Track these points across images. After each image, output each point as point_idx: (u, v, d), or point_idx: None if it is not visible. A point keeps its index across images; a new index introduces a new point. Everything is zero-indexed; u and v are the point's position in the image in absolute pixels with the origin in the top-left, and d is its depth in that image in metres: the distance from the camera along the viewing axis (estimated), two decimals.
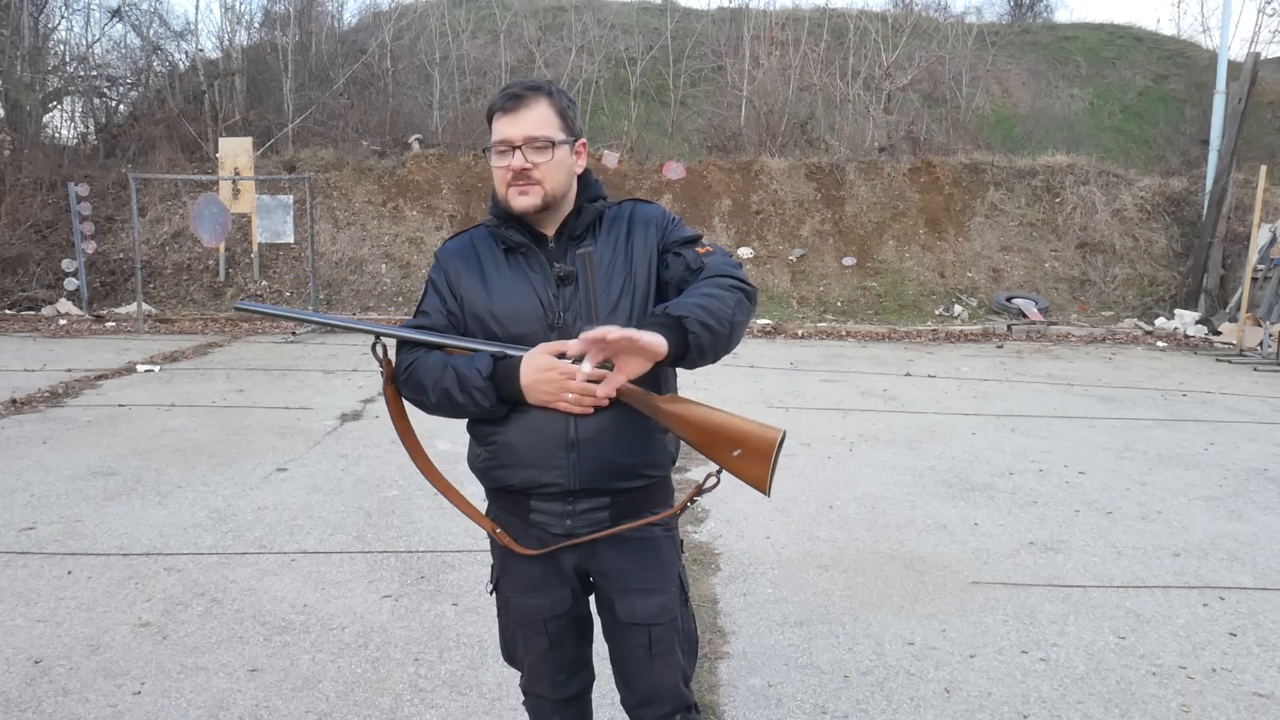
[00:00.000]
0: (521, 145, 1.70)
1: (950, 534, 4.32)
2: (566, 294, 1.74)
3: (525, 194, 1.72)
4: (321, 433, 6.09)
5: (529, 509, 1.79)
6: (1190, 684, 2.94)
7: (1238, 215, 13.46)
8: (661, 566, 1.83)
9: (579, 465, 1.72)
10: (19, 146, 14.31)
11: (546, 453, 1.72)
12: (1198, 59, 18.34)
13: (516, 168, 1.70)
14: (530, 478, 1.75)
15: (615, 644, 1.88)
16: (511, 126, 1.70)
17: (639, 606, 1.80)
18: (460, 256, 1.82)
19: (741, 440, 1.63)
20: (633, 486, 1.78)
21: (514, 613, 1.88)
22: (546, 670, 1.90)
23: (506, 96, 1.72)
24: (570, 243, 1.78)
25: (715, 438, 1.65)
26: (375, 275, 13.34)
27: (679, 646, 1.85)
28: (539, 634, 1.86)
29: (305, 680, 2.89)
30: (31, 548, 3.99)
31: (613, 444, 1.73)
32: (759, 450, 1.62)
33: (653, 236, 1.81)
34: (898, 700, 2.82)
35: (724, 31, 18.34)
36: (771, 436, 1.61)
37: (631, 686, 1.87)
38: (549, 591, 1.84)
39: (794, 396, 7.59)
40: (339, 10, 23.28)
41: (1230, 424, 6.79)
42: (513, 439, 1.74)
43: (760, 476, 1.63)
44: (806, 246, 13.96)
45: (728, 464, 1.66)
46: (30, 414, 6.58)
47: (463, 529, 4.21)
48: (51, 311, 12.23)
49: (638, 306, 1.76)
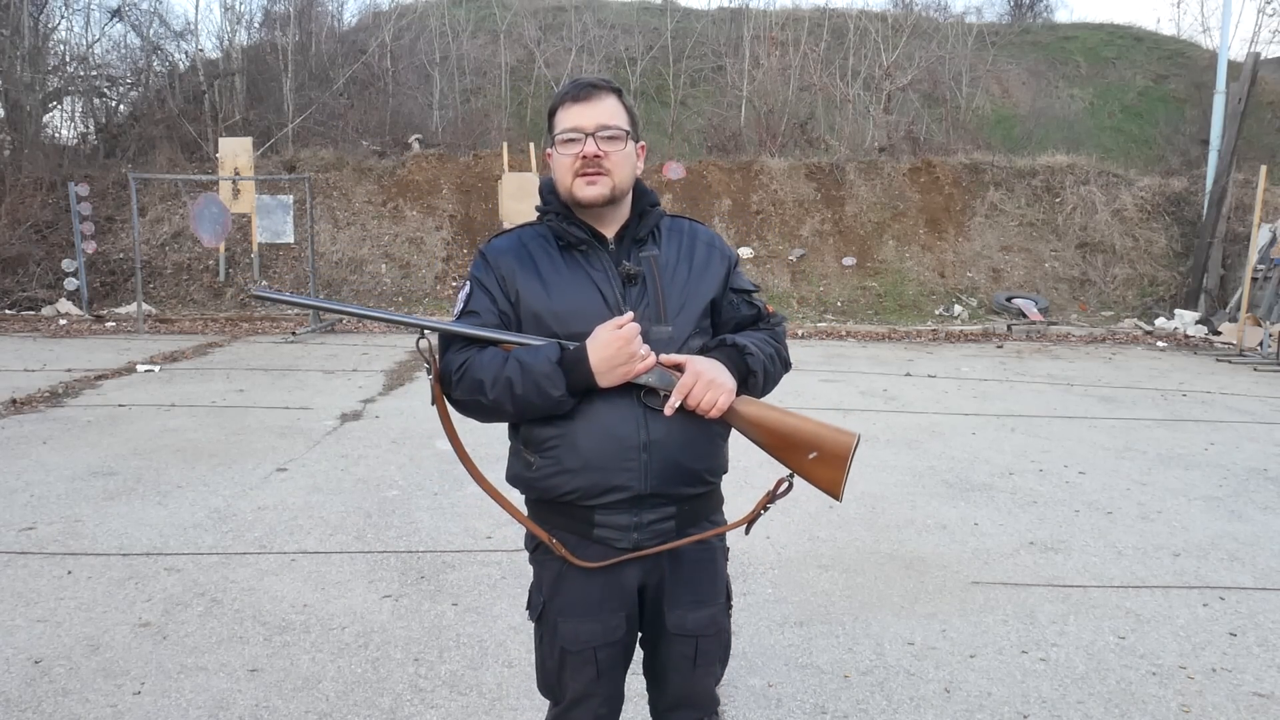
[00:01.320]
0: (594, 133, 1.67)
1: (950, 534, 4.32)
2: (633, 293, 1.70)
3: (594, 183, 1.67)
4: (321, 433, 6.09)
5: (592, 523, 1.69)
6: (1190, 684, 2.94)
7: (1238, 215, 13.46)
8: (715, 579, 1.80)
9: (650, 467, 1.65)
10: (19, 146, 14.32)
11: (618, 454, 1.65)
12: (1198, 59, 18.35)
13: (589, 154, 1.66)
14: (597, 481, 1.66)
15: (657, 651, 1.83)
16: (583, 114, 1.67)
17: (689, 619, 1.76)
18: (513, 254, 1.74)
19: (817, 444, 1.62)
20: (696, 493, 1.74)
21: (563, 639, 1.74)
22: (590, 704, 1.78)
23: (579, 86, 1.70)
24: (634, 245, 1.74)
25: (790, 441, 1.64)
26: (375, 275, 13.34)
27: (718, 656, 1.83)
28: (588, 663, 1.74)
29: (305, 680, 2.89)
30: (31, 548, 3.99)
31: (683, 446, 1.68)
32: (835, 454, 1.61)
33: (719, 265, 1.81)
34: (898, 700, 2.82)
35: (724, 31, 18.35)
36: (847, 440, 1.60)
37: (667, 691, 1.84)
38: (604, 617, 1.73)
39: (794, 396, 7.59)
40: (339, 10, 23.33)
41: (1230, 424, 6.79)
42: (581, 441, 1.65)
43: (835, 480, 1.62)
44: (806, 246, 13.96)
45: (802, 468, 1.64)
46: (30, 414, 6.58)
47: (462, 529, 4.22)
48: (51, 311, 12.23)
49: (700, 311, 1.75)
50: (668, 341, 1.68)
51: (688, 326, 1.72)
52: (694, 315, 1.74)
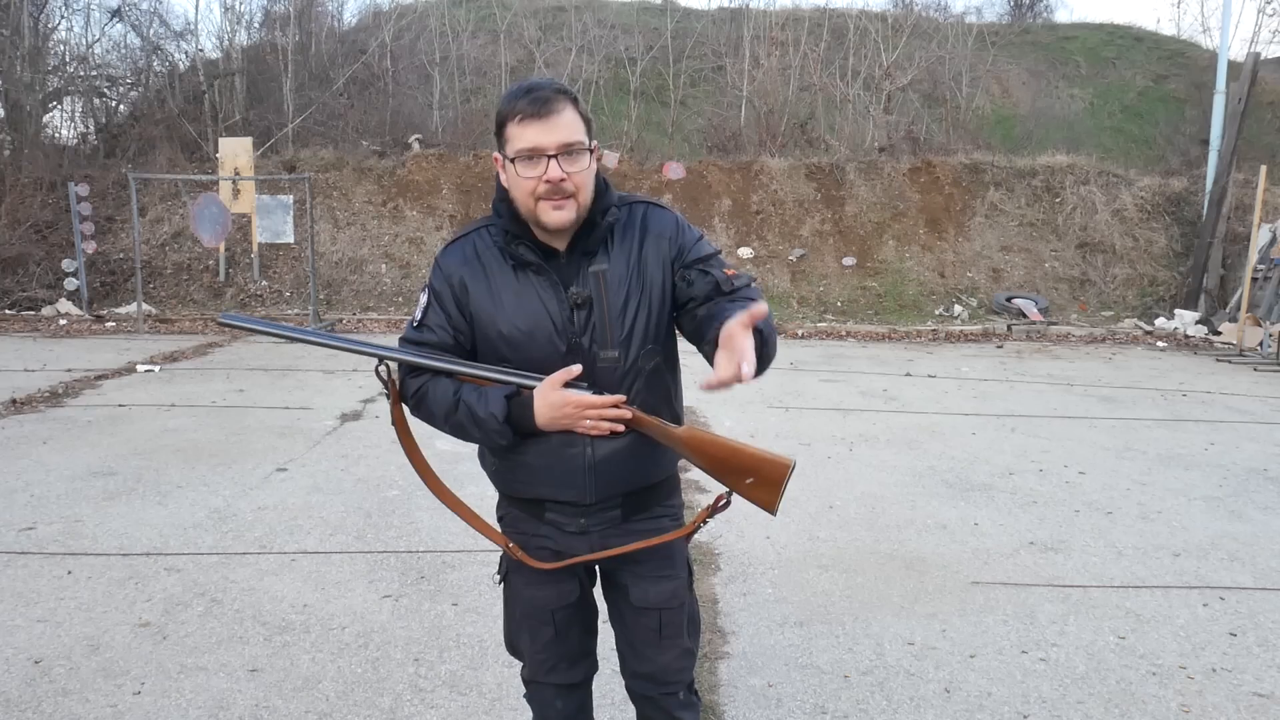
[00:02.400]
0: (556, 154, 1.58)
1: (950, 534, 4.32)
2: (581, 317, 1.69)
3: (561, 208, 1.61)
4: (321, 433, 6.09)
5: (543, 515, 1.83)
6: (1190, 684, 2.94)
7: (1238, 215, 13.46)
8: (673, 554, 1.88)
9: (596, 484, 1.76)
10: (19, 146, 14.31)
11: (565, 474, 1.75)
12: (1198, 59, 18.34)
13: (555, 178, 1.58)
14: (548, 494, 1.79)
15: (624, 626, 1.92)
16: (543, 133, 1.57)
17: (651, 592, 1.85)
18: (467, 269, 1.72)
19: (754, 469, 1.69)
20: (644, 487, 1.84)
21: (522, 603, 1.90)
22: (550, 660, 1.93)
23: (534, 101, 1.58)
24: (583, 258, 1.69)
25: (729, 466, 1.70)
26: (375, 275, 13.34)
27: (685, 629, 1.90)
28: (546, 624, 1.89)
29: (305, 680, 2.89)
30: (31, 548, 3.99)
31: (627, 461, 1.77)
32: (770, 478, 1.68)
33: (666, 251, 1.74)
34: (898, 700, 2.82)
35: (724, 31, 18.34)
36: (783, 466, 1.67)
37: (638, 665, 1.92)
38: (558, 582, 1.86)
39: (794, 396, 7.59)
40: (339, 10, 23.32)
41: (1230, 424, 6.79)
42: (532, 460, 1.76)
43: (770, 501, 1.70)
44: (806, 246, 13.96)
45: (740, 490, 1.72)
46: (30, 414, 6.58)
47: (463, 529, 4.21)
48: (51, 311, 12.23)
49: (653, 324, 1.74)
50: (615, 365, 1.70)
51: (637, 347, 1.72)
52: (643, 332, 1.72)
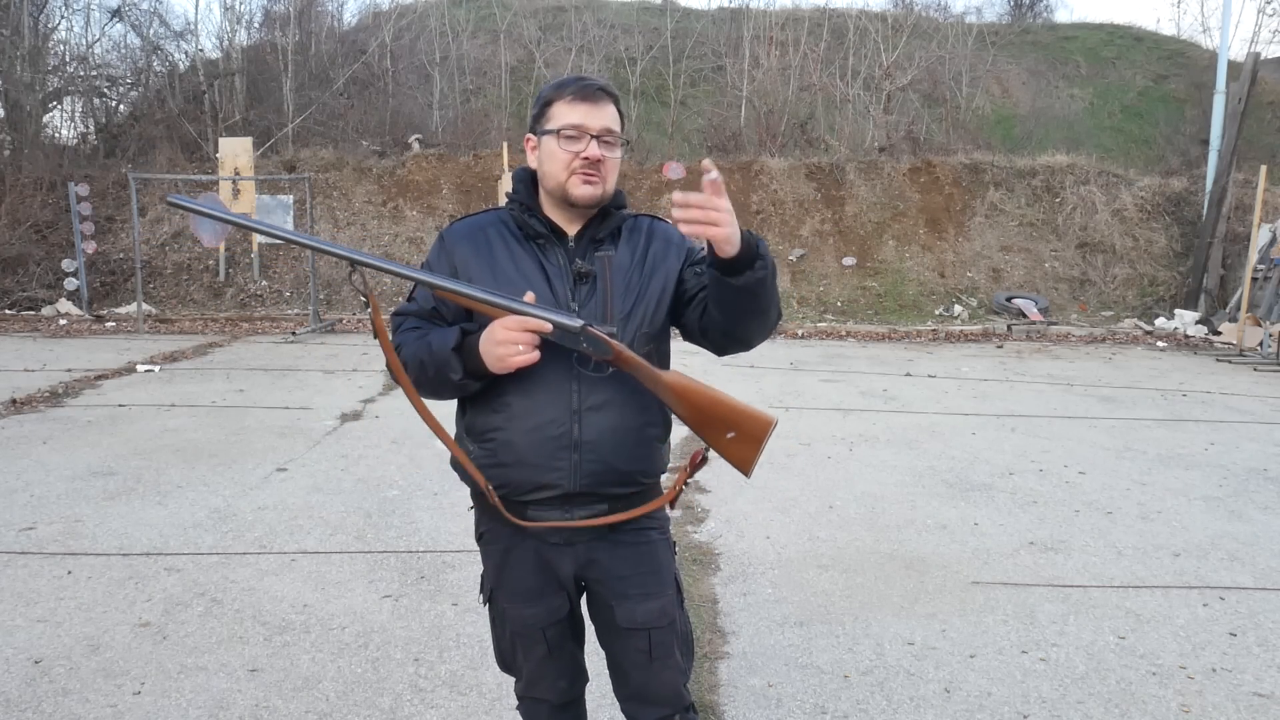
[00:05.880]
0: (598, 135, 1.68)
1: (950, 534, 4.32)
2: (583, 292, 1.72)
3: (591, 183, 1.70)
4: (321, 433, 6.09)
5: (525, 511, 1.76)
6: (1190, 684, 2.94)
7: (1238, 215, 13.46)
8: (659, 571, 1.83)
9: (581, 467, 1.71)
10: (19, 146, 14.32)
11: (550, 453, 1.70)
12: (1198, 59, 18.34)
13: (594, 156, 1.68)
14: (529, 477, 1.72)
15: (613, 648, 1.87)
16: (591, 115, 1.68)
17: (639, 611, 1.79)
18: (469, 241, 1.77)
19: (736, 422, 1.66)
20: (629, 492, 1.78)
21: (511, 622, 1.86)
22: (547, 676, 1.89)
23: (585, 87, 1.70)
24: (591, 245, 1.76)
25: (711, 416, 1.67)
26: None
27: (677, 649, 1.85)
28: (538, 642, 1.85)
29: (305, 680, 2.89)
30: (31, 548, 3.99)
31: (615, 447, 1.72)
32: (752, 434, 1.66)
33: (673, 258, 1.80)
34: (898, 700, 2.82)
35: (724, 31, 18.35)
36: (765, 423, 1.66)
37: (631, 689, 1.87)
38: (546, 599, 1.82)
39: (794, 396, 7.59)
40: (339, 10, 23.34)
41: (1230, 424, 6.79)
42: (514, 437, 1.71)
43: (748, 459, 1.67)
44: (806, 246, 13.96)
45: (719, 444, 1.69)
46: (30, 414, 6.58)
47: (463, 529, 4.21)
48: (51, 311, 12.23)
49: (649, 316, 1.76)
50: None
51: (634, 330, 1.73)
52: (642, 318, 1.74)
